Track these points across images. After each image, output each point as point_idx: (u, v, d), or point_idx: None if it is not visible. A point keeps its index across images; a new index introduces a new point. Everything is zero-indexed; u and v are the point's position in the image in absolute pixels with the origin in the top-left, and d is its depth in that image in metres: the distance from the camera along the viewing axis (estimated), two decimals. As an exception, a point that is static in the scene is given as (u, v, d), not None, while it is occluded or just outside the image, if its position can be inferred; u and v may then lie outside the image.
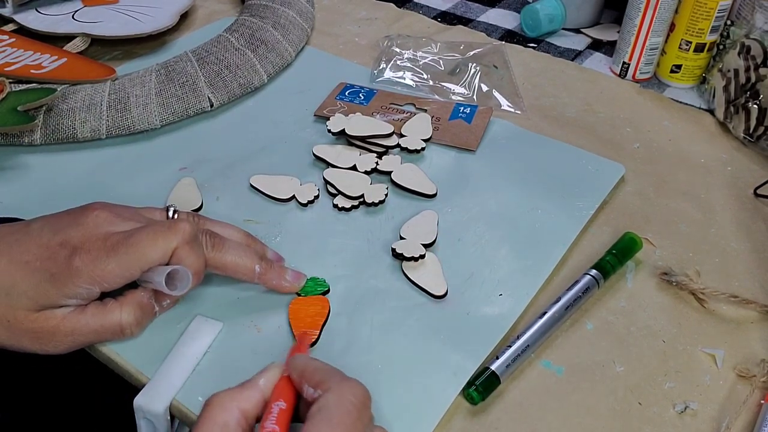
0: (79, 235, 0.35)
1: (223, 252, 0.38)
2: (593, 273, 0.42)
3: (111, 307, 0.36)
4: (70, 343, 0.36)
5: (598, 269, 0.42)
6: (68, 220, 0.36)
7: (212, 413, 0.30)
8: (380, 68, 0.63)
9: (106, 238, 0.35)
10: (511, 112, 0.59)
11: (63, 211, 0.38)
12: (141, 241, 0.35)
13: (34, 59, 0.59)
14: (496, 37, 0.72)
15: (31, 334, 0.35)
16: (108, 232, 0.36)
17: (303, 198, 0.48)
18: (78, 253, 0.34)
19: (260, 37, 0.62)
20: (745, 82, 0.56)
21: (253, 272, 0.39)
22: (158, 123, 0.54)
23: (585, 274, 0.42)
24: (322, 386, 0.30)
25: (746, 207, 0.49)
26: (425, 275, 0.42)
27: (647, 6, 0.59)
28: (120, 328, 0.36)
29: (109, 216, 0.37)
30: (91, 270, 0.34)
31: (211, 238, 0.39)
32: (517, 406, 0.36)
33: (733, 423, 0.35)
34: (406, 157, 0.52)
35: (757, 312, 0.41)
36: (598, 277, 0.42)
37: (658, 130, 0.57)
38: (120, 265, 0.34)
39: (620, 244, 0.44)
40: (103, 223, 0.36)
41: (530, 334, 0.38)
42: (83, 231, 0.35)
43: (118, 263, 0.34)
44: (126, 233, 0.36)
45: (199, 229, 0.38)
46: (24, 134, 0.52)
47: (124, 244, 0.35)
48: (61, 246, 0.35)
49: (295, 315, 0.39)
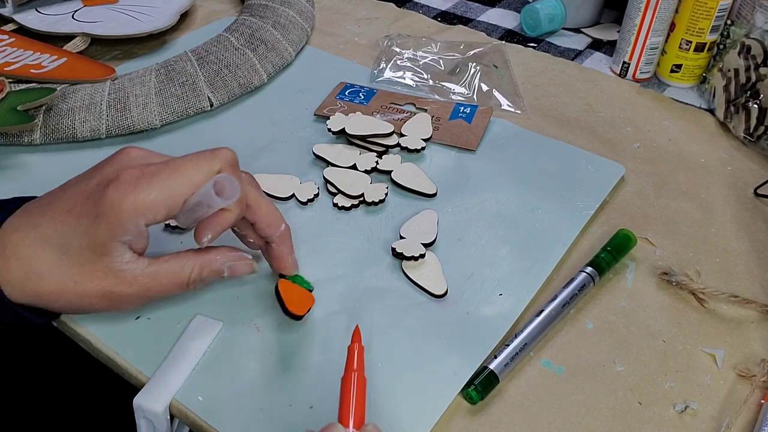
0: (115, 170, 0.34)
1: (261, 196, 0.37)
2: (588, 270, 0.42)
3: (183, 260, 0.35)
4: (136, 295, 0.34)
5: (593, 266, 0.42)
6: (102, 163, 0.35)
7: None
8: (380, 68, 0.63)
9: (144, 167, 0.33)
10: (511, 112, 0.59)
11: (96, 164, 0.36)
12: (183, 164, 0.34)
13: (33, 59, 0.59)
14: (496, 36, 0.72)
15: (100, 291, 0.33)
16: (145, 164, 0.34)
17: (303, 196, 0.48)
18: (114, 184, 0.32)
19: (260, 36, 0.62)
20: (746, 82, 0.56)
21: (279, 225, 0.38)
22: (158, 123, 0.54)
23: (581, 272, 0.42)
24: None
25: (746, 207, 0.49)
26: (425, 275, 0.42)
27: (647, 6, 0.59)
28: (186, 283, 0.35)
29: (143, 152, 0.35)
30: (133, 200, 0.32)
31: (251, 179, 0.38)
32: (517, 405, 0.36)
33: (733, 423, 0.35)
34: (406, 156, 0.52)
35: (757, 312, 0.41)
36: (594, 274, 0.42)
37: (658, 130, 0.57)
38: (162, 191, 0.32)
39: (614, 241, 0.44)
40: (138, 158, 0.35)
41: (528, 333, 0.38)
42: (118, 165, 0.34)
43: (160, 189, 0.32)
44: (166, 161, 0.34)
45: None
46: (24, 134, 0.52)
47: (164, 170, 0.33)
48: (98, 185, 0.33)
49: (286, 291, 0.39)
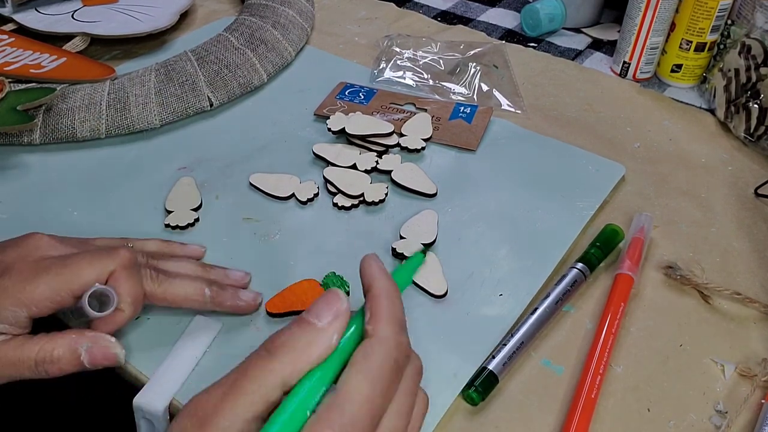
0: (15, 255, 0.33)
1: (167, 284, 0.37)
2: (579, 266, 0.42)
3: (35, 340, 0.33)
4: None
5: (583, 262, 0.43)
6: (9, 243, 0.35)
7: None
8: (380, 68, 0.63)
9: (40, 260, 0.33)
10: (512, 112, 0.59)
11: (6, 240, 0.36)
12: (76, 262, 0.33)
13: (33, 59, 0.58)
14: (496, 36, 0.72)
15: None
16: (44, 256, 0.34)
17: (303, 196, 0.48)
18: (8, 273, 0.32)
19: (260, 36, 0.62)
20: (746, 82, 0.56)
21: (202, 298, 0.37)
22: (158, 122, 0.54)
23: (572, 268, 0.42)
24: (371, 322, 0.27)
25: (747, 207, 0.49)
26: (425, 275, 0.42)
27: (648, 5, 0.59)
28: (34, 363, 0.32)
29: (51, 241, 0.35)
30: (18, 291, 0.32)
31: (154, 272, 0.37)
32: (517, 405, 0.36)
33: (733, 422, 0.35)
34: (406, 156, 0.52)
35: (758, 311, 0.41)
36: (585, 270, 0.42)
37: (658, 130, 0.57)
38: (50, 286, 0.32)
39: (603, 236, 0.45)
40: (44, 246, 0.35)
41: (524, 331, 0.39)
42: (19, 252, 0.34)
43: (48, 284, 0.32)
44: (62, 256, 0.34)
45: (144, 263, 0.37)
46: (23, 134, 0.52)
47: (57, 265, 0.33)
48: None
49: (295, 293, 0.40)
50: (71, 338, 0.33)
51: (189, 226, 0.45)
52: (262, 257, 0.44)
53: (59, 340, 0.33)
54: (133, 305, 0.35)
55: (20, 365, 0.32)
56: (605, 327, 0.39)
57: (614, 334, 0.39)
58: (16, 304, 0.32)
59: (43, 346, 0.33)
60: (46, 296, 0.32)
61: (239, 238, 0.45)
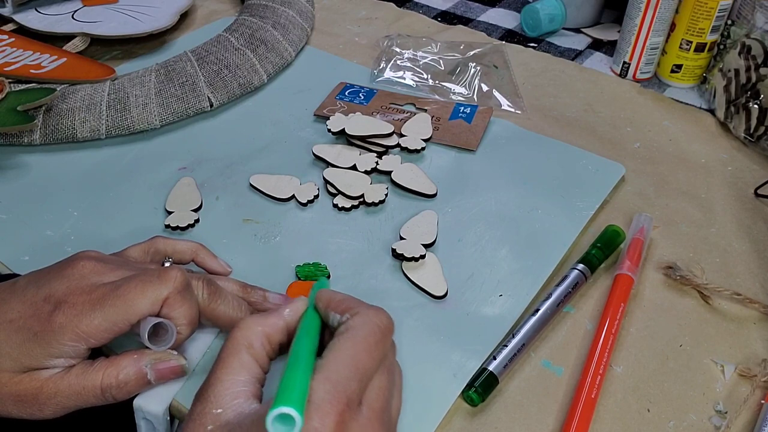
0: (64, 288, 0.33)
1: (216, 304, 0.36)
2: (580, 267, 0.42)
3: (97, 367, 0.33)
4: (54, 407, 0.32)
5: (584, 263, 0.43)
6: (54, 273, 0.34)
7: (237, 333, 0.30)
8: (380, 68, 0.63)
9: (91, 291, 0.33)
10: (512, 112, 0.59)
11: (51, 265, 0.36)
12: (129, 291, 0.33)
13: (33, 59, 0.59)
14: (496, 36, 0.72)
15: (15, 398, 0.32)
16: (94, 284, 0.33)
17: (303, 197, 0.48)
18: (62, 308, 0.32)
19: (260, 36, 0.62)
20: (746, 82, 0.56)
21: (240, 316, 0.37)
22: (158, 123, 0.54)
23: (572, 269, 0.42)
24: (350, 311, 0.30)
25: (747, 207, 0.49)
26: (425, 275, 0.42)
27: (648, 6, 0.59)
28: (100, 390, 0.33)
29: (96, 266, 0.35)
30: (75, 326, 0.32)
31: (207, 286, 0.36)
32: (517, 406, 0.36)
33: (733, 422, 0.35)
34: (406, 157, 0.52)
35: (758, 312, 0.41)
36: (585, 271, 0.42)
37: (658, 130, 0.57)
38: (107, 318, 0.32)
39: (604, 237, 0.45)
40: (90, 274, 0.34)
41: (524, 332, 0.39)
42: (68, 283, 0.33)
43: (104, 317, 0.32)
44: (113, 284, 0.33)
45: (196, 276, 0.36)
46: (23, 134, 0.52)
47: (110, 296, 0.32)
48: (45, 301, 0.32)
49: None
50: (133, 359, 0.34)
51: (189, 227, 0.45)
52: (262, 259, 0.44)
53: (122, 362, 0.33)
54: (189, 326, 0.35)
55: (85, 394, 0.32)
56: (605, 327, 0.39)
57: (614, 334, 0.39)
58: (74, 339, 0.32)
59: (107, 371, 0.33)
60: (104, 328, 0.32)
61: (239, 240, 0.45)
